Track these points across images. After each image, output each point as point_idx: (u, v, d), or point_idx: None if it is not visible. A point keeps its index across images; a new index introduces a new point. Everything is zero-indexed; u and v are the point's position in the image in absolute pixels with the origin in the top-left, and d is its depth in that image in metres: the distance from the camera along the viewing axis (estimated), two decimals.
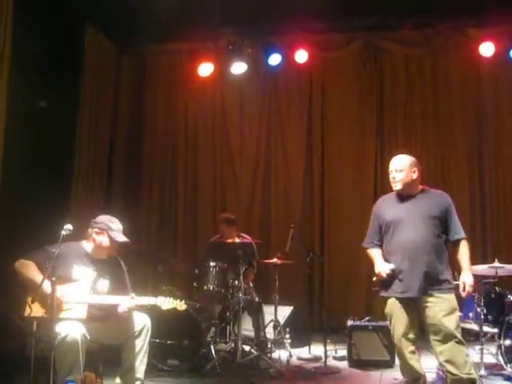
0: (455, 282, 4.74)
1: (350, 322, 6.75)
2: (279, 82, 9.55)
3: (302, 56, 8.70)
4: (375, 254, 4.89)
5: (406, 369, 4.76)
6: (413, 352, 4.69)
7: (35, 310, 4.49)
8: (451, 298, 4.60)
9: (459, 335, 4.51)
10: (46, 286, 4.33)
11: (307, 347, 7.16)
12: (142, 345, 4.89)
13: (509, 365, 5.53)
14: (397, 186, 4.80)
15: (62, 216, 4.99)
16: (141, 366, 4.90)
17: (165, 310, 4.80)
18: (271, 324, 7.05)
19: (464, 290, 4.65)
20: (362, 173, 9.27)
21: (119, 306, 4.77)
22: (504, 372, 5.67)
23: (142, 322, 4.94)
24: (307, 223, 9.25)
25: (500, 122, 8.95)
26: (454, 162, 8.95)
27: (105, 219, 4.97)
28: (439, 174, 8.92)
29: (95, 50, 8.45)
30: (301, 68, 9.08)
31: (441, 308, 4.53)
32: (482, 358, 5.75)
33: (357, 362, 6.52)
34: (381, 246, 4.90)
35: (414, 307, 4.64)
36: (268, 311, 7.13)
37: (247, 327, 6.96)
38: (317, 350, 7.02)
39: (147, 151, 9.73)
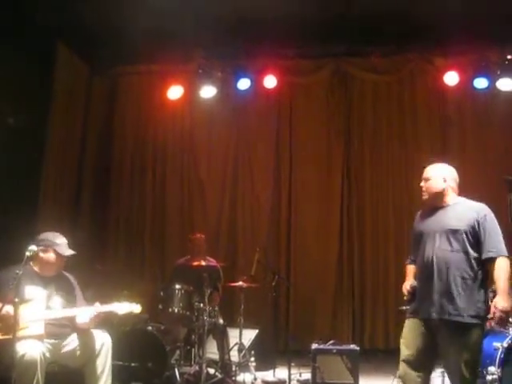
0: None
1: (314, 346, 6.74)
2: (248, 107, 9.59)
3: (271, 81, 8.75)
4: (408, 271, 4.54)
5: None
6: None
7: None
8: (471, 333, 4.02)
9: (469, 377, 4.01)
10: (7, 309, 4.28)
11: (272, 370, 7.12)
12: (103, 364, 4.79)
13: None
14: (423, 196, 4.53)
15: (28, 236, 4.93)
16: None
17: (128, 331, 4.74)
18: (236, 347, 7.04)
19: (494, 315, 4.05)
20: (328, 197, 9.34)
21: (77, 317, 4.72)
22: None
23: (100, 340, 4.85)
24: (273, 247, 9.27)
25: (463, 147, 9.12)
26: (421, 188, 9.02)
27: (48, 235, 4.89)
28: (406, 199, 9.00)
29: (66, 69, 8.45)
30: (270, 93, 9.15)
31: (453, 341, 4.04)
32: (443, 381, 5.80)
33: None
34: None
35: (428, 331, 4.15)
36: (233, 334, 7.11)
37: (212, 350, 6.93)
38: (281, 373, 7.00)
39: (116, 172, 9.71)
